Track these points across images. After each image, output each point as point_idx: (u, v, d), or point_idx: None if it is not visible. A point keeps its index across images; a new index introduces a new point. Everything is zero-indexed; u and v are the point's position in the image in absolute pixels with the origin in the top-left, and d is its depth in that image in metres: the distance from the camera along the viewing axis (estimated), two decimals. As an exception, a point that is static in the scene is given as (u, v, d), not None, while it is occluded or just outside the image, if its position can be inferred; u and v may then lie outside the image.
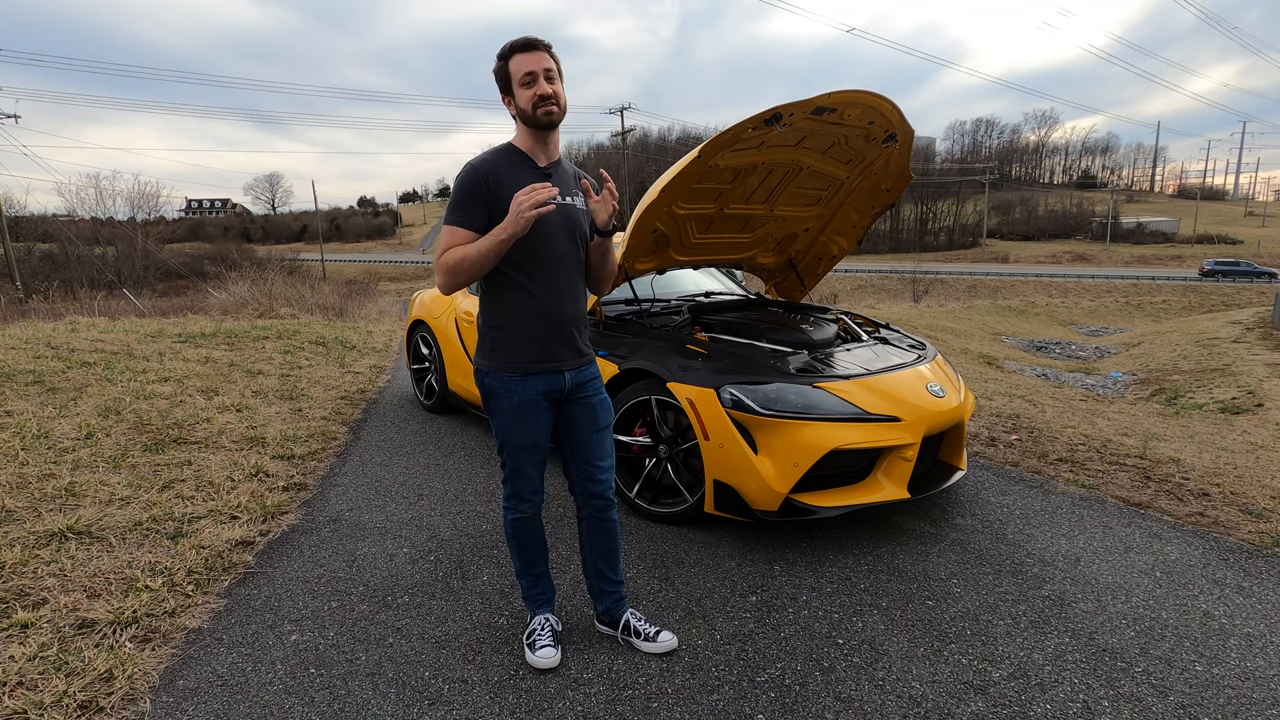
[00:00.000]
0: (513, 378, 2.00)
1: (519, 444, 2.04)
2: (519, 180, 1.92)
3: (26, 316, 11.55)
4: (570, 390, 2.06)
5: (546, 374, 2.01)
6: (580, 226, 2.04)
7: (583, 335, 2.09)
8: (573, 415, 2.09)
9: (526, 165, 1.98)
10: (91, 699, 1.93)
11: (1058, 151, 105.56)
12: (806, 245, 4.57)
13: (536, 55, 1.90)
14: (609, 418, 2.16)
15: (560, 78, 1.95)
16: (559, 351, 2.02)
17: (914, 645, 2.23)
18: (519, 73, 1.90)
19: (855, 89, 3.05)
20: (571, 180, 2.08)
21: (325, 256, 52.98)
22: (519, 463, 2.06)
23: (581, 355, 2.08)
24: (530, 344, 1.99)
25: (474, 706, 1.95)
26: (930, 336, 12.62)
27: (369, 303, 16.60)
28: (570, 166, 2.13)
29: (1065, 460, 4.04)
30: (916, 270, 34.82)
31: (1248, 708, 1.94)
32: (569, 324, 2.03)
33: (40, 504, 3.08)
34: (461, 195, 1.92)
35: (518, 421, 2.02)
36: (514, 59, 1.91)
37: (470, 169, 1.93)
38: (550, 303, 1.98)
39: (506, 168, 1.94)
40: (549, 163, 2.01)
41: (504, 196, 1.90)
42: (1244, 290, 32.88)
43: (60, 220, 39.91)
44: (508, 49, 1.93)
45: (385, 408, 5.27)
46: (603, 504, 2.15)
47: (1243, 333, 14.99)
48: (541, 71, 1.89)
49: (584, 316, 2.09)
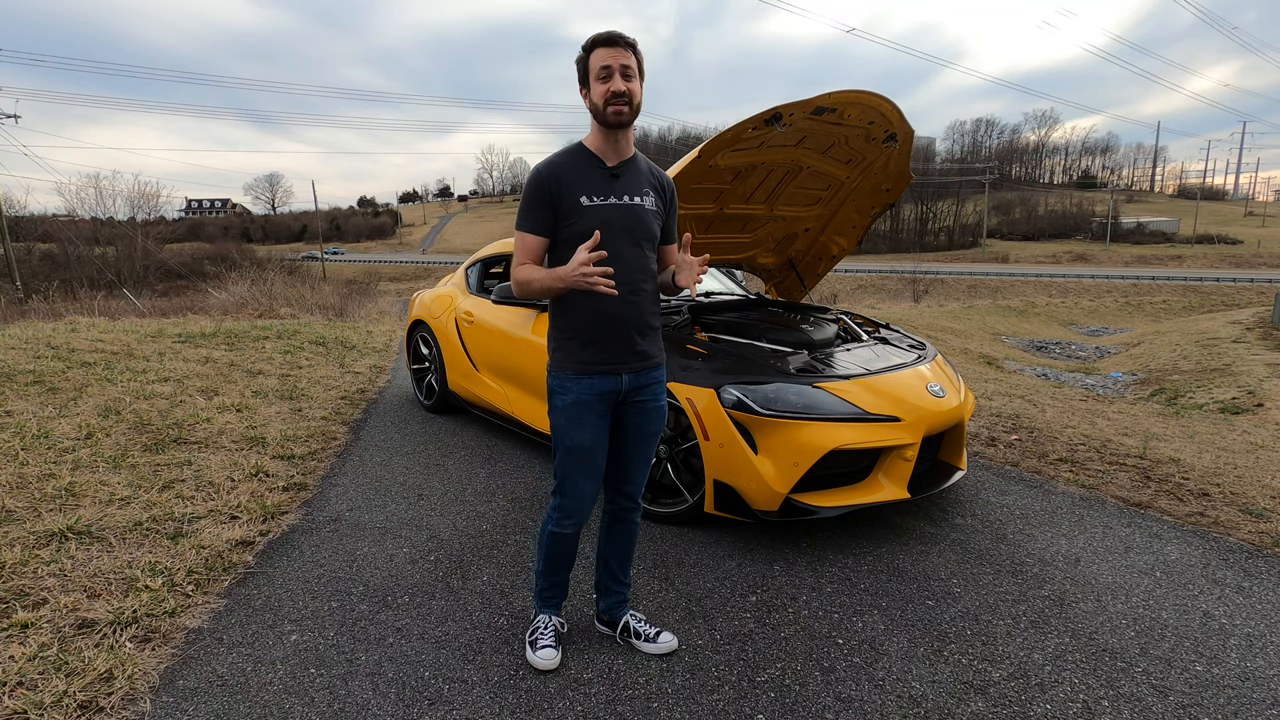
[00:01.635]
0: (568, 376, 1.99)
1: (568, 446, 2.01)
2: (585, 181, 1.91)
3: (26, 316, 11.55)
4: (628, 392, 2.03)
5: (602, 375, 1.98)
6: (647, 228, 1.98)
7: (646, 337, 2.02)
8: (625, 416, 2.06)
9: (594, 166, 1.94)
10: (91, 699, 1.93)
11: (1058, 151, 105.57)
12: (806, 245, 4.57)
13: (617, 51, 1.85)
14: (659, 425, 2.11)
15: (640, 77, 1.90)
16: (617, 353, 1.98)
17: (914, 645, 2.23)
18: (596, 66, 1.85)
19: (855, 89, 3.05)
20: (644, 178, 2.01)
21: (325, 256, 52.98)
22: (568, 469, 2.03)
23: (644, 358, 2.02)
24: (588, 344, 1.97)
25: (474, 706, 1.95)
26: (930, 336, 12.61)
27: (369, 303, 16.59)
28: (645, 163, 2.06)
29: (1065, 460, 4.04)
30: (916, 270, 34.82)
31: (1248, 708, 1.94)
32: (628, 326, 1.97)
33: (40, 504, 3.08)
34: (528, 201, 1.93)
35: (569, 421, 1.99)
36: (595, 52, 1.86)
37: (535, 174, 1.93)
38: (610, 305, 1.93)
39: (573, 169, 1.93)
40: (618, 161, 1.96)
41: (569, 198, 1.90)
42: (1244, 290, 32.88)
43: (60, 220, 39.93)
44: (591, 41, 1.88)
45: (385, 408, 5.27)
46: (631, 505, 2.16)
47: (1243, 333, 14.99)
48: (618, 67, 1.84)
49: (647, 319, 2.02)
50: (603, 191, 1.93)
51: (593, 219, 1.90)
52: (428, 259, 67.75)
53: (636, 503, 2.18)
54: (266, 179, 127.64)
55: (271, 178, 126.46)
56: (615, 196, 1.94)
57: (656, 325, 2.07)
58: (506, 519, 3.21)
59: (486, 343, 4.25)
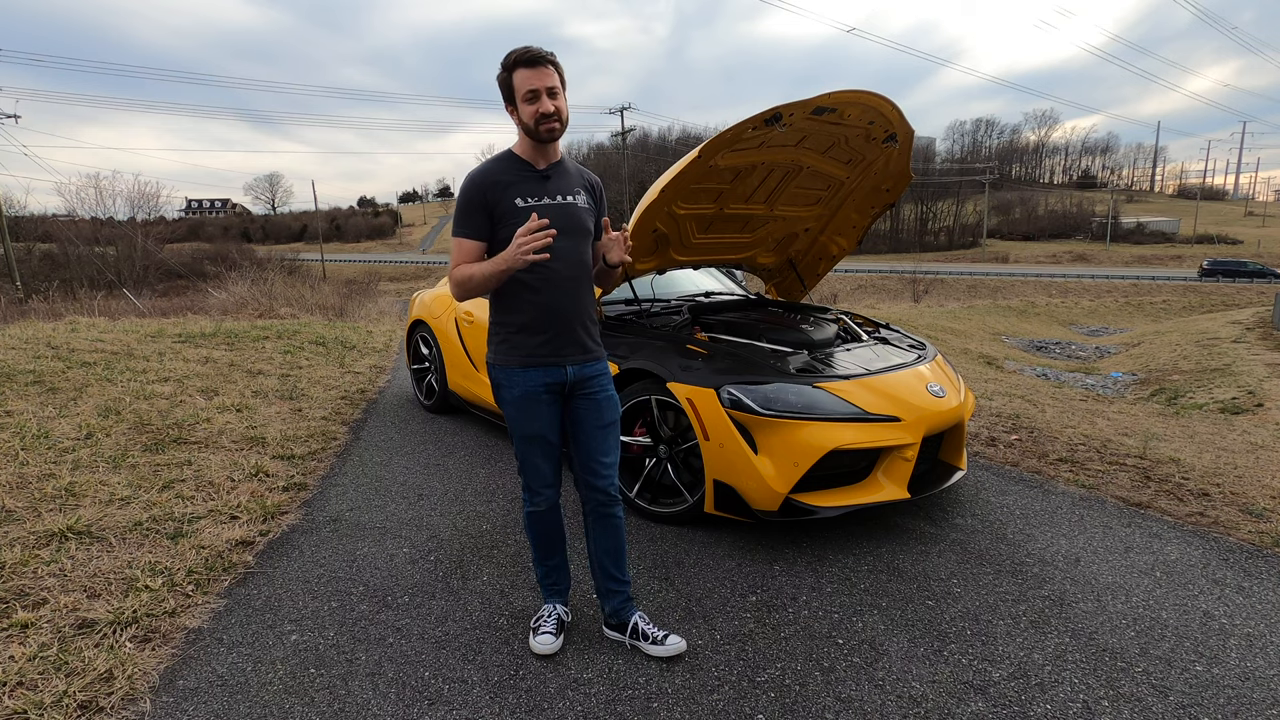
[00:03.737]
0: (513, 369, 2.07)
1: (523, 435, 2.10)
2: (518, 184, 2.00)
3: (26, 316, 11.55)
4: (574, 384, 2.10)
5: (546, 366, 2.05)
6: (582, 224, 2.07)
7: (588, 331, 2.11)
8: (577, 410, 2.13)
9: (525, 170, 2.03)
10: (91, 699, 1.93)
11: (1058, 151, 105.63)
12: (806, 245, 4.57)
13: (539, 72, 1.92)
14: (614, 414, 2.17)
15: (564, 88, 1.98)
16: (560, 346, 2.06)
17: (914, 645, 2.23)
18: (522, 88, 1.93)
19: (855, 89, 3.05)
20: (574, 179, 2.11)
21: (325, 256, 52.96)
22: (526, 454, 2.12)
23: (586, 351, 2.10)
24: (531, 338, 2.05)
25: (474, 706, 1.95)
26: (930, 336, 12.62)
27: (369, 303, 16.59)
28: (573, 165, 2.17)
29: (1065, 460, 4.04)
30: (916, 270, 34.82)
31: (1248, 708, 1.94)
32: (570, 320, 2.06)
33: (40, 504, 3.08)
34: (463, 208, 2.01)
35: (520, 412, 2.08)
36: (517, 73, 1.93)
37: (469, 181, 2.01)
38: (550, 299, 2.03)
39: (505, 174, 2.01)
40: (548, 164, 2.06)
41: (505, 201, 1.98)
42: (1244, 290, 32.89)
43: (60, 220, 39.94)
44: (511, 60, 1.94)
45: (385, 408, 5.27)
46: (605, 499, 2.17)
47: (1243, 333, 14.99)
48: (544, 89, 1.92)
49: (588, 312, 2.11)
50: (536, 193, 2.02)
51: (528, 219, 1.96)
52: (428, 259, 67.69)
53: (612, 495, 2.17)
54: (266, 179, 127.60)
55: (271, 178, 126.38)
56: (549, 196, 2.03)
57: (595, 319, 2.16)
58: (506, 519, 3.21)
59: (486, 343, 4.25)
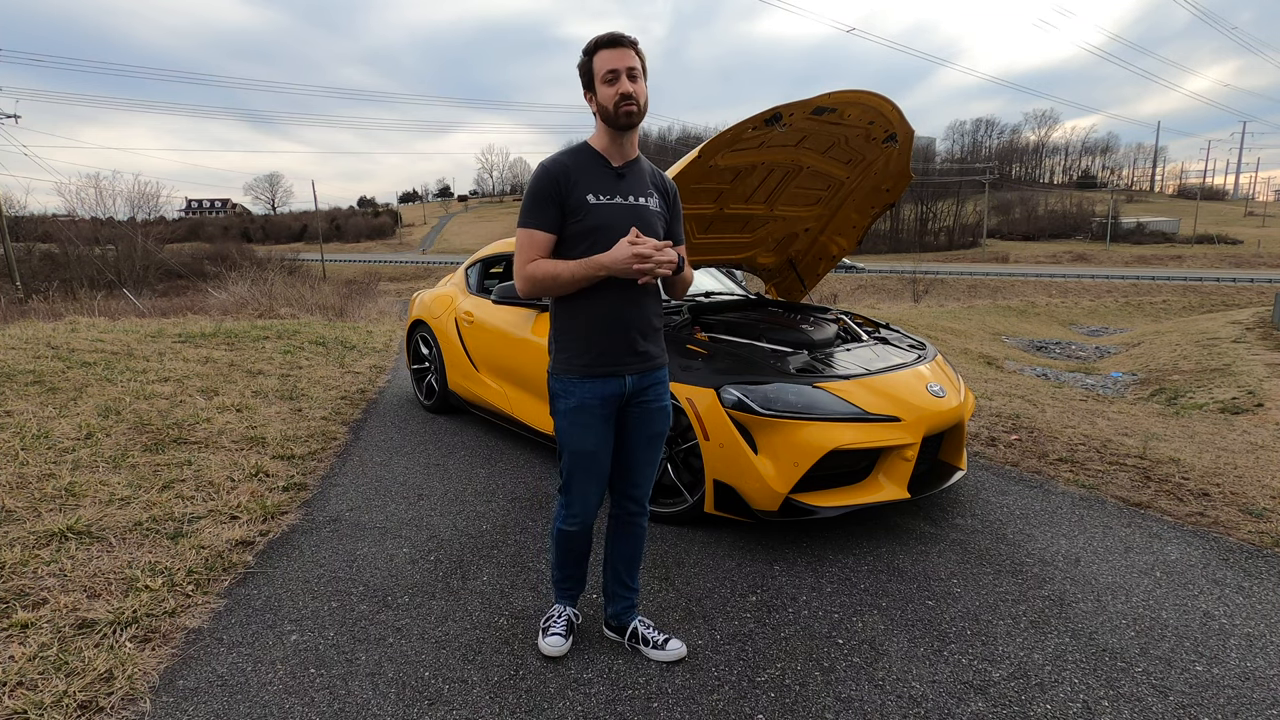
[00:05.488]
0: (571, 379, 1.98)
1: (573, 450, 2.02)
2: (592, 179, 1.92)
3: (26, 316, 11.56)
4: (631, 394, 2.02)
5: (605, 378, 1.97)
6: (652, 229, 1.97)
7: (649, 338, 2.02)
8: (628, 418, 2.05)
9: (600, 165, 1.95)
10: (91, 699, 1.93)
11: (1058, 151, 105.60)
12: (806, 245, 4.57)
13: (621, 52, 1.85)
14: (664, 426, 2.10)
15: (644, 76, 1.91)
16: (619, 355, 1.97)
17: (914, 645, 2.23)
18: (602, 69, 1.85)
19: (855, 89, 3.05)
20: (647, 179, 2.02)
21: (325, 256, 52.97)
22: (574, 472, 2.04)
23: (646, 359, 2.02)
24: (590, 347, 1.96)
25: (474, 706, 1.95)
26: (930, 336, 12.62)
27: (369, 303, 16.59)
28: (647, 165, 2.07)
29: (1065, 460, 4.04)
30: (916, 270, 34.82)
31: (1248, 708, 1.94)
32: (631, 328, 1.97)
33: (40, 504, 3.08)
34: (534, 198, 1.91)
35: (573, 425, 1.99)
36: (599, 55, 1.86)
37: (542, 170, 1.92)
38: (613, 306, 1.94)
39: (579, 167, 1.92)
40: (624, 162, 1.97)
41: (576, 195, 1.89)
42: (1244, 290, 32.90)
43: (60, 220, 39.94)
44: (593, 44, 1.88)
45: (385, 408, 5.27)
46: (636, 509, 2.15)
47: (1243, 333, 14.99)
48: (625, 70, 1.84)
49: (651, 321, 2.02)
50: (609, 190, 1.93)
51: (599, 217, 1.90)
52: (428, 259, 67.71)
53: (643, 507, 2.15)
54: (266, 179, 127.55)
55: (271, 178, 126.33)
56: (621, 196, 1.94)
57: (659, 326, 2.07)
58: (506, 519, 3.21)
59: (486, 343, 4.25)
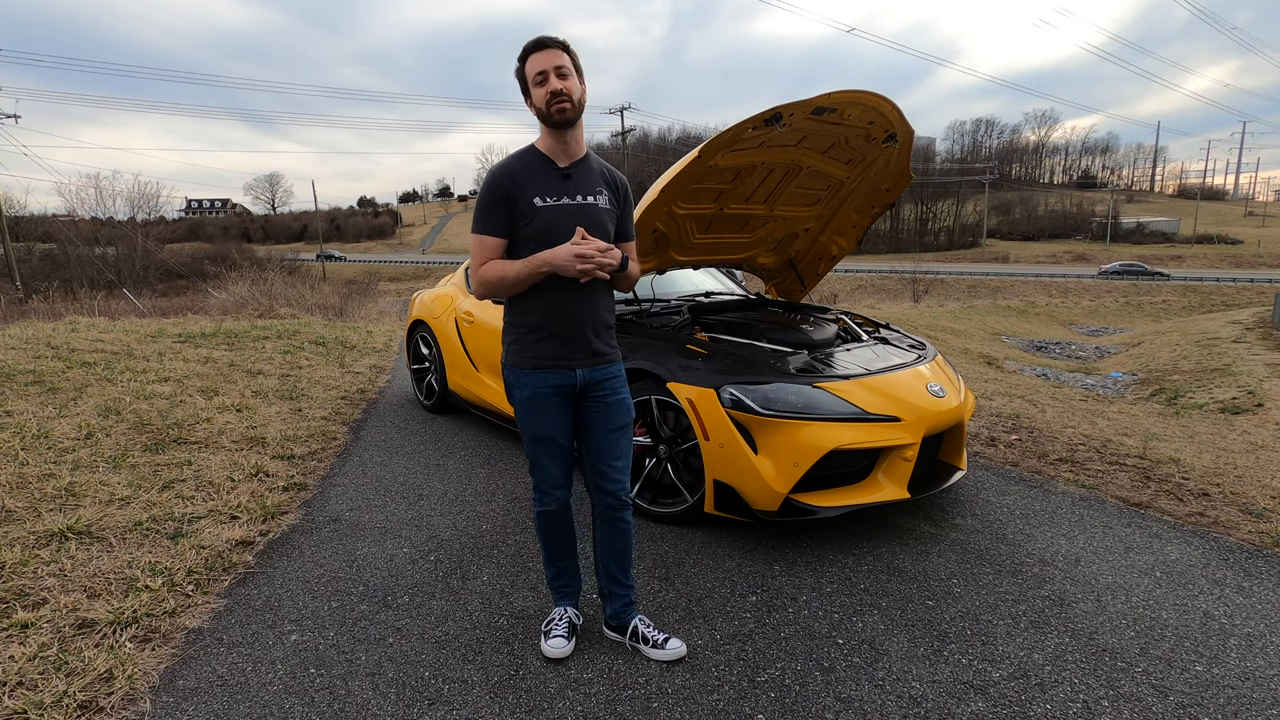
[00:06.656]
0: (524, 371, 2.06)
1: (532, 436, 2.09)
2: (538, 182, 1.97)
3: (26, 316, 11.55)
4: (584, 387, 2.07)
5: (556, 369, 2.03)
6: (601, 226, 2.01)
7: (601, 335, 2.08)
8: (587, 413, 2.11)
9: (546, 167, 1.99)
10: (91, 699, 1.93)
11: (1058, 151, 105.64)
12: (806, 245, 4.57)
13: (549, 53, 1.90)
14: (625, 418, 2.14)
15: (578, 74, 1.94)
16: (571, 350, 2.03)
17: (914, 645, 2.23)
18: (532, 72, 1.92)
19: (855, 89, 3.05)
20: (597, 176, 2.06)
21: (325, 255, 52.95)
22: (536, 455, 2.11)
23: (597, 355, 2.07)
24: (542, 340, 2.03)
25: (474, 706, 1.95)
26: (930, 336, 12.61)
27: (369, 303, 16.60)
28: (597, 163, 2.11)
29: (1065, 460, 4.04)
30: (916, 270, 34.83)
31: (1248, 708, 1.94)
32: (583, 324, 2.03)
33: (40, 504, 3.08)
34: (484, 205, 1.98)
35: (529, 413, 2.07)
36: (529, 60, 1.93)
37: (490, 177, 1.99)
38: (564, 302, 1.99)
39: (526, 172, 1.98)
40: (570, 163, 2.01)
41: (523, 199, 1.95)
42: (1244, 290, 32.90)
43: (60, 220, 39.89)
44: (523, 51, 1.94)
45: (385, 408, 5.27)
46: (615, 503, 2.16)
47: (1243, 333, 15.00)
48: (552, 69, 1.89)
49: (602, 316, 2.08)
50: (555, 192, 1.98)
51: (546, 219, 1.95)
52: (428, 259, 67.69)
53: (622, 500, 2.15)
54: (266, 179, 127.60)
55: (271, 178, 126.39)
56: (568, 196, 1.99)
57: (610, 322, 2.13)
58: (506, 519, 3.21)
59: (486, 343, 4.25)
